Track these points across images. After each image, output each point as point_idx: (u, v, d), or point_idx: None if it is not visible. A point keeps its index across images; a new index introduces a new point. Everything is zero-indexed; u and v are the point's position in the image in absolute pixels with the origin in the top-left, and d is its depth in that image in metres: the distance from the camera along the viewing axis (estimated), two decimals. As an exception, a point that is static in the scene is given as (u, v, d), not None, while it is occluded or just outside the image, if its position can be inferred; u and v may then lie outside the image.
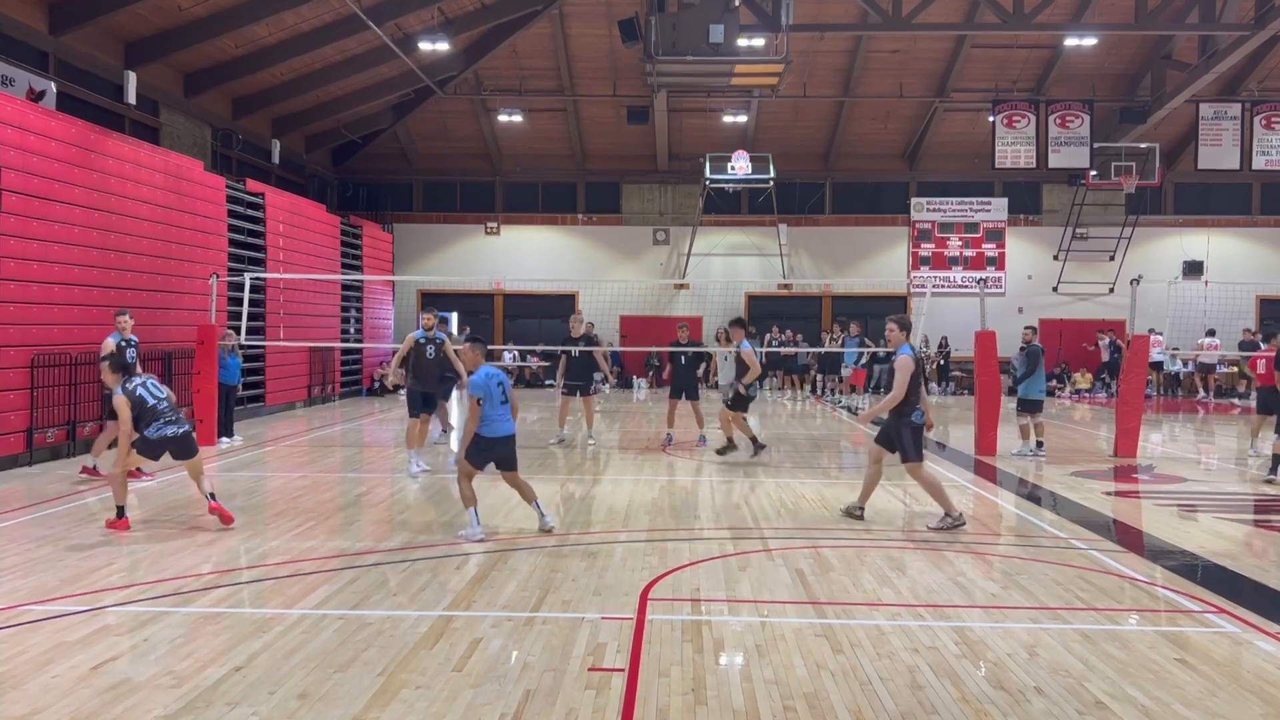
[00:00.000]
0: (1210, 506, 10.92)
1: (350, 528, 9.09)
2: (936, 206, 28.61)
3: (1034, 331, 15.27)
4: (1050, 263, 29.61)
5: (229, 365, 15.22)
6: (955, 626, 6.18)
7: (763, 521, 9.49)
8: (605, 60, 25.57)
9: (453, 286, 29.84)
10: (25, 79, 15.19)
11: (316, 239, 23.02)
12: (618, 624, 6.14)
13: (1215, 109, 25.12)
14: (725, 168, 26.48)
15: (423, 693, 5.01)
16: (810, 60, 25.03)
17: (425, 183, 30.60)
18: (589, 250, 30.12)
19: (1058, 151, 25.23)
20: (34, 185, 13.17)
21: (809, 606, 6.59)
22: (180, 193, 16.95)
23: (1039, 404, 14.71)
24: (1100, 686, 5.18)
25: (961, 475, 12.88)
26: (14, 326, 12.69)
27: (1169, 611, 6.75)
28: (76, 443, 13.77)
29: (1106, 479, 12.54)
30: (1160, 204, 29.89)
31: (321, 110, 25.24)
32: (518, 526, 9.14)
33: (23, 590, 6.81)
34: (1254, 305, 28.38)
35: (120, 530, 8.64)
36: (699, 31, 18.36)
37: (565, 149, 29.50)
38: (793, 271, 29.65)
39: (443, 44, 22.47)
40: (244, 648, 5.65)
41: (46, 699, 4.88)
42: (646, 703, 4.91)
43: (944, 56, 25.63)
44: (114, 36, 18.02)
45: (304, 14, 20.01)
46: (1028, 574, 7.51)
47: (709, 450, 14.31)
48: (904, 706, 4.88)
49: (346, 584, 7.06)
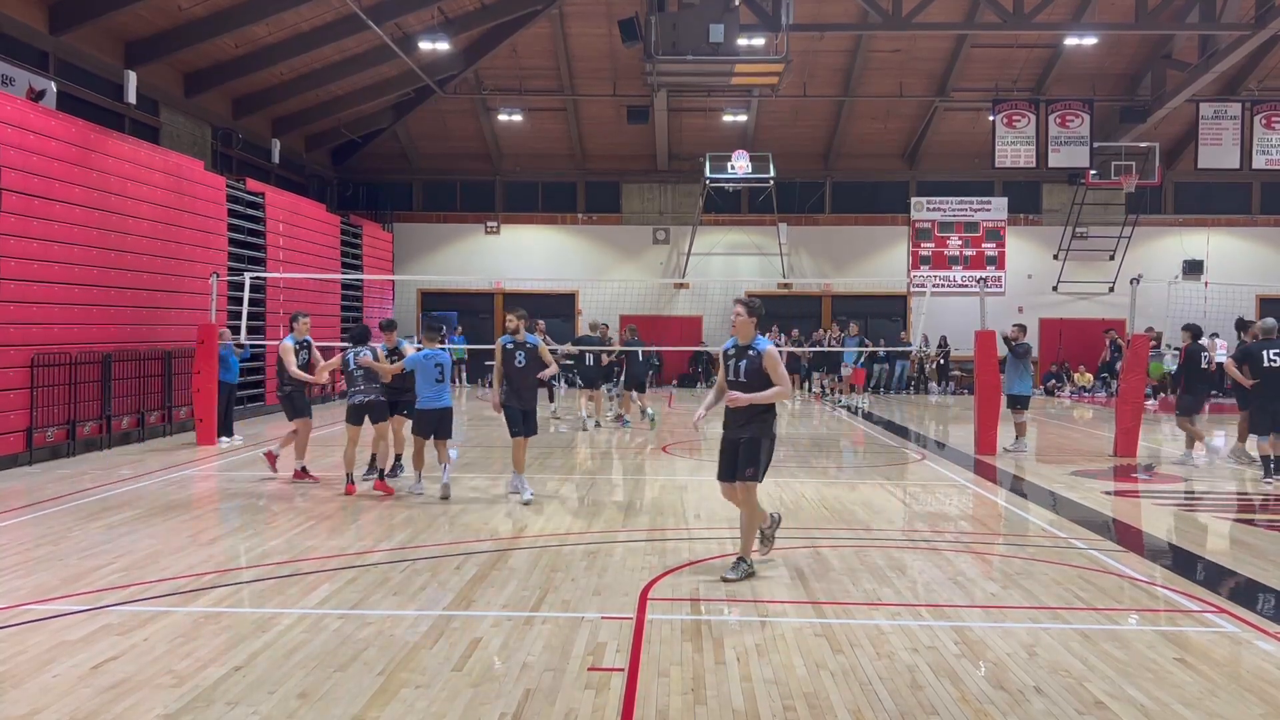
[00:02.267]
0: (1210, 506, 10.92)
1: (350, 528, 9.09)
2: (936, 206, 28.59)
3: (1022, 330, 15.55)
4: (1050, 262, 29.62)
5: (231, 364, 15.22)
6: (955, 626, 6.18)
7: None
8: (605, 60, 25.57)
9: (452, 286, 29.85)
10: (25, 79, 15.19)
11: (316, 238, 23.02)
12: (617, 624, 6.14)
13: (1215, 108, 25.12)
14: (725, 167, 26.47)
15: (423, 692, 5.02)
16: (810, 60, 25.03)
17: (425, 182, 30.61)
18: (589, 250, 30.12)
19: (1058, 151, 25.24)
20: (34, 185, 13.18)
21: (809, 606, 6.59)
22: (180, 192, 16.95)
23: (1027, 399, 15.23)
24: (1100, 686, 5.18)
25: (961, 474, 12.88)
26: (14, 326, 12.70)
27: (1169, 611, 6.75)
28: (76, 442, 13.78)
29: (1106, 479, 12.54)
30: (1160, 203, 29.89)
31: (321, 110, 25.25)
32: (518, 526, 9.14)
33: (23, 590, 6.81)
34: (1254, 305, 28.36)
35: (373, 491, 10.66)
36: (699, 31, 18.37)
37: (565, 148, 29.50)
38: (792, 271, 29.65)
39: (443, 44, 22.47)
40: (244, 647, 5.65)
41: (46, 699, 4.88)
42: (646, 702, 4.91)
43: (944, 56, 25.63)
44: (114, 36, 18.02)
45: (304, 14, 20.01)
46: (1027, 574, 7.51)
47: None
48: (904, 706, 4.89)
49: (346, 584, 7.06)
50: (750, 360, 7.27)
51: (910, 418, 21.21)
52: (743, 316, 7.33)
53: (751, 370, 7.26)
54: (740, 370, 7.25)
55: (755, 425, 7.29)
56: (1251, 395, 12.41)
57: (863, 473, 13.22)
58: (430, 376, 10.40)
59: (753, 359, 7.26)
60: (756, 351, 7.27)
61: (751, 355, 7.28)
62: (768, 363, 7.24)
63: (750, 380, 7.26)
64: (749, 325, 7.33)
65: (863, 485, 11.79)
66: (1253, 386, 12.34)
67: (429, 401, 10.46)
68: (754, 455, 7.24)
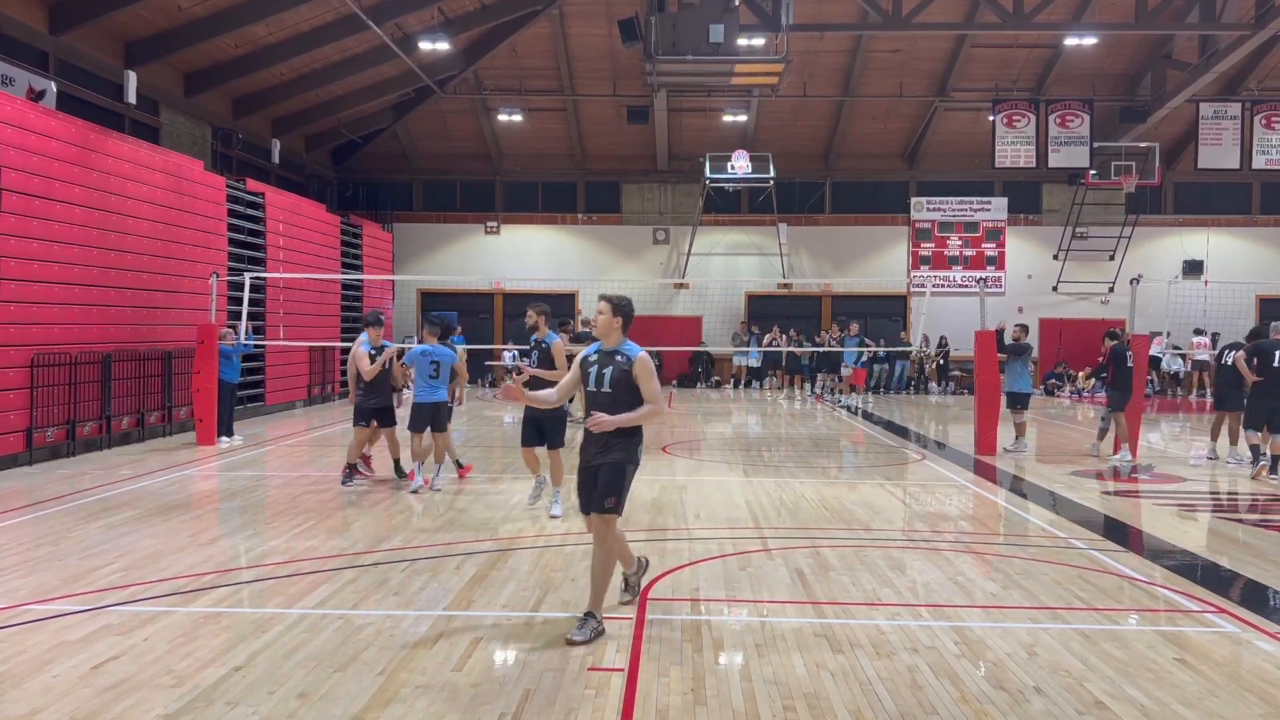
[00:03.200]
0: (1210, 506, 10.92)
1: (350, 528, 9.09)
2: (936, 206, 28.58)
3: (1024, 330, 15.75)
4: (1050, 262, 29.61)
5: (234, 361, 15.17)
6: (955, 626, 6.18)
7: (762, 521, 9.49)
8: (605, 60, 25.57)
9: (452, 286, 29.85)
10: (25, 79, 15.20)
11: (316, 238, 23.02)
12: (617, 624, 6.14)
13: (1215, 108, 25.10)
14: (725, 167, 26.46)
15: (423, 693, 5.02)
16: (810, 60, 25.03)
17: (425, 182, 30.60)
18: (589, 250, 30.12)
19: (1058, 151, 25.22)
20: (34, 185, 13.18)
21: (809, 606, 6.59)
22: (180, 192, 16.95)
23: (1028, 399, 15.37)
24: (1100, 686, 5.18)
25: (961, 475, 12.88)
26: (14, 326, 12.69)
27: (1168, 611, 6.75)
28: (76, 442, 13.78)
29: (1106, 479, 12.54)
30: (1160, 203, 29.89)
31: (321, 110, 25.24)
32: (518, 526, 9.14)
33: (23, 590, 6.81)
34: (1254, 305, 28.37)
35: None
36: (699, 31, 18.37)
37: (565, 149, 29.50)
38: (792, 271, 29.64)
39: (443, 44, 22.47)
40: (244, 647, 5.66)
41: (46, 699, 4.88)
42: (646, 703, 4.92)
43: (944, 56, 25.63)
44: (114, 36, 18.02)
45: (304, 14, 20.00)
46: (1027, 574, 7.51)
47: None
48: (904, 706, 4.89)
49: (346, 584, 7.06)
50: (617, 368, 6.09)
51: (910, 418, 21.21)
52: (605, 315, 6.19)
53: (618, 381, 6.07)
54: (604, 380, 6.09)
55: (619, 449, 6.11)
56: (1253, 390, 12.72)
57: (863, 473, 13.22)
58: (425, 372, 10.80)
59: (620, 366, 6.10)
60: (626, 358, 6.11)
61: (619, 362, 6.11)
62: (639, 372, 6.06)
63: (616, 393, 6.07)
64: (613, 326, 6.20)
65: (863, 485, 11.79)
66: (1254, 384, 12.64)
67: (422, 396, 10.84)
68: (616, 483, 6.10)
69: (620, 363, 6.12)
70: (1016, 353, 15.27)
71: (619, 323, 6.21)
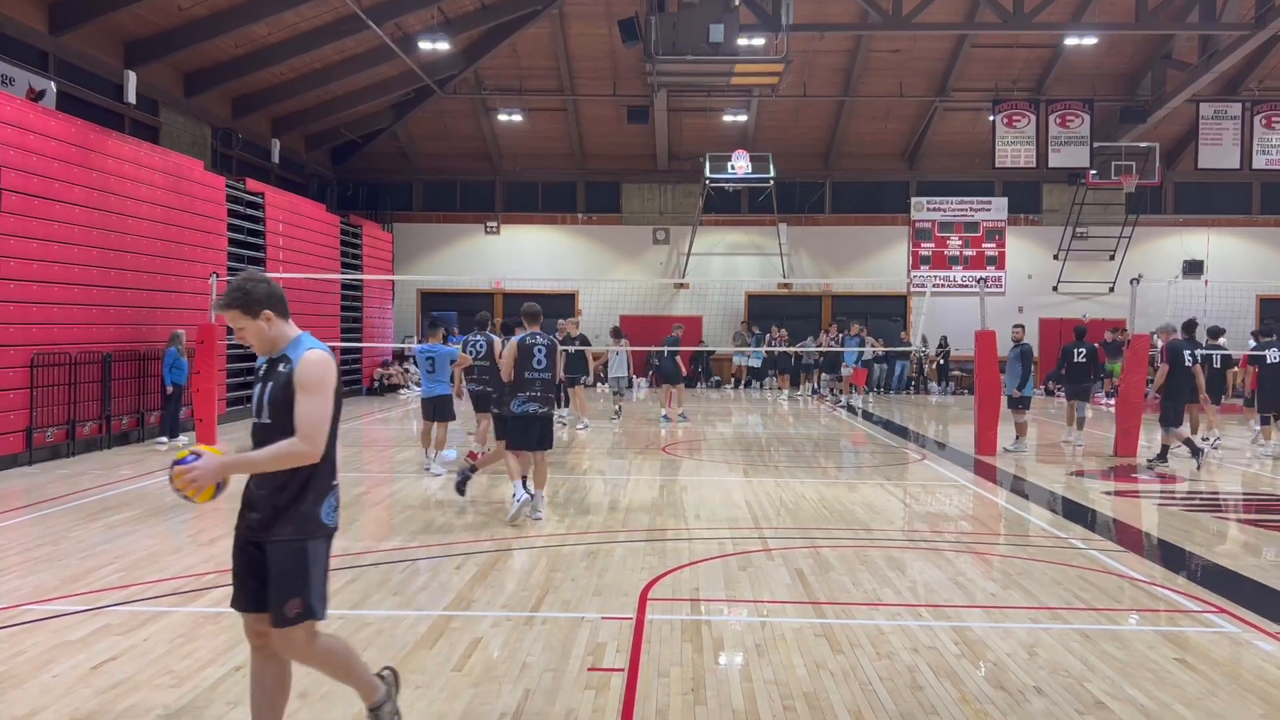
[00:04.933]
0: (1210, 506, 10.92)
1: (350, 528, 9.08)
2: (936, 206, 28.54)
3: (1022, 330, 15.92)
4: (1050, 262, 29.61)
5: (181, 365, 14.89)
6: (955, 626, 6.18)
7: (762, 521, 9.49)
8: (605, 60, 25.56)
9: (452, 286, 29.84)
10: (25, 79, 15.19)
11: (316, 238, 23.01)
12: (617, 624, 6.14)
13: (1215, 108, 25.10)
14: (725, 167, 26.46)
15: (423, 693, 5.02)
16: (810, 60, 25.01)
17: (425, 182, 30.60)
18: (589, 250, 30.11)
19: (1058, 151, 25.22)
20: (34, 185, 13.17)
21: (809, 606, 6.59)
22: (180, 192, 16.95)
23: (1028, 399, 15.47)
24: (1100, 686, 5.18)
25: (961, 475, 12.88)
26: (14, 326, 12.69)
27: (1168, 611, 6.74)
28: (76, 442, 13.78)
29: (1107, 479, 12.54)
30: (1160, 203, 29.88)
31: (321, 110, 25.24)
32: (518, 527, 9.13)
33: (23, 590, 6.81)
34: (1254, 305, 28.37)
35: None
36: (699, 31, 18.37)
37: (565, 149, 29.49)
38: (793, 271, 29.63)
39: (443, 44, 22.47)
40: (244, 648, 5.62)
41: (46, 699, 4.88)
42: (646, 703, 4.91)
43: (944, 56, 25.62)
44: (114, 36, 18.02)
45: (304, 14, 20.00)
46: (1027, 574, 7.51)
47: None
48: (904, 706, 4.88)
49: (346, 584, 7.05)
50: (278, 381, 3.89)
51: (910, 418, 21.21)
52: (244, 324, 3.92)
53: (278, 398, 3.87)
54: (263, 402, 3.93)
55: (289, 519, 3.90)
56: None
57: (863, 473, 13.22)
58: (423, 369, 12.22)
59: (280, 378, 3.89)
60: (289, 364, 3.90)
61: (281, 373, 3.90)
62: (301, 379, 3.84)
63: (275, 420, 3.88)
64: (258, 329, 3.92)
65: (863, 485, 11.79)
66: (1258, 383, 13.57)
67: (424, 391, 12.35)
68: (296, 575, 3.87)
69: (282, 374, 3.89)
70: (1026, 356, 15.29)
71: (269, 316, 3.91)
